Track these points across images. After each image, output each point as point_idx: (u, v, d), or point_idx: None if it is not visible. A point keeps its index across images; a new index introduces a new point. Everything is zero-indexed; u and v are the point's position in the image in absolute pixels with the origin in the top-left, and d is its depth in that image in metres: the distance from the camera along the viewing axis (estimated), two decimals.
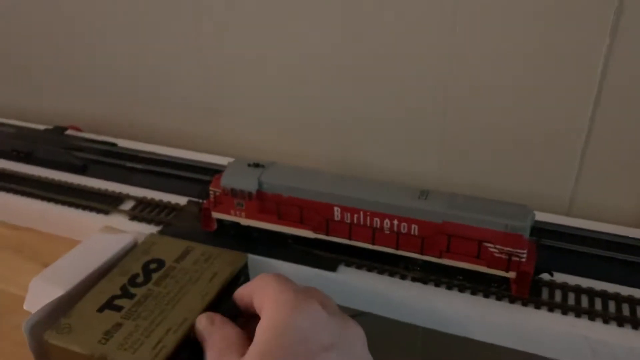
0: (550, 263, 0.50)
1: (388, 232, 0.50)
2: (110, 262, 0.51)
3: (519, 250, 0.46)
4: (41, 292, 0.47)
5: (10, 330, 0.51)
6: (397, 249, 0.51)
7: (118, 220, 0.60)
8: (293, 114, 0.72)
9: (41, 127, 0.80)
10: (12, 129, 0.79)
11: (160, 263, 0.50)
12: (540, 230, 0.55)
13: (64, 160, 0.70)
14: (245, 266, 0.51)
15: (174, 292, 0.46)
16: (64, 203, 0.63)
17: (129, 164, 0.69)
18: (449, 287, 0.50)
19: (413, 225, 0.49)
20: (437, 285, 0.51)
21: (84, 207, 0.62)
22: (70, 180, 0.67)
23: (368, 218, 0.50)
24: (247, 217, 0.54)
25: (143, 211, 0.61)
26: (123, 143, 0.75)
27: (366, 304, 0.52)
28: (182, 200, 0.62)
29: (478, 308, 0.48)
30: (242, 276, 0.51)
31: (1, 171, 0.69)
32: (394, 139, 0.68)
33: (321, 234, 0.53)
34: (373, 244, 0.51)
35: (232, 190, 0.53)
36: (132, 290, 0.47)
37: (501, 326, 0.48)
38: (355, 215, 0.51)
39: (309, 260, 0.53)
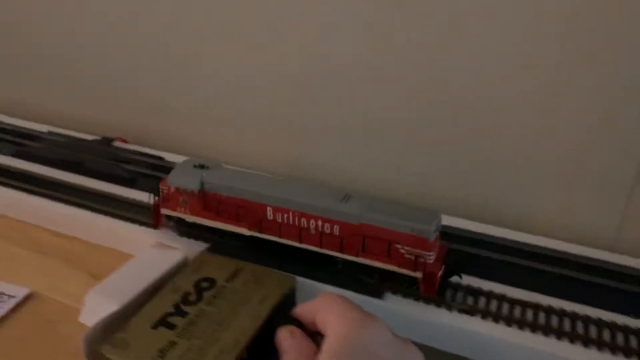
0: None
1: (313, 231, 0.54)
2: (162, 278, 0.52)
3: (425, 252, 0.50)
4: (97, 306, 0.48)
5: (62, 340, 0.52)
6: (321, 247, 0.54)
7: (166, 235, 0.61)
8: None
9: (89, 137, 0.82)
10: (62, 138, 0.80)
11: (211, 282, 0.51)
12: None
13: (113, 172, 0.71)
14: (294, 289, 0.52)
15: (225, 313, 0.47)
16: (112, 215, 0.64)
17: None
18: (495, 320, 0.51)
19: (335, 226, 0.53)
20: (483, 317, 0.51)
21: (133, 220, 0.63)
22: (118, 192, 0.68)
23: (296, 218, 0.54)
24: (191, 213, 0.59)
25: (191, 227, 0.62)
26: (169, 157, 0.76)
27: (410, 332, 0.52)
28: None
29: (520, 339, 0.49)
30: (290, 299, 0.51)
31: (51, 180, 0.71)
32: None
33: (255, 231, 0.57)
34: (300, 242, 0.55)
35: (177, 188, 0.58)
36: (185, 308, 0.47)
37: None
38: (285, 215, 0.54)
39: (355, 285, 0.54)
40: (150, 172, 0.72)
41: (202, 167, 0.58)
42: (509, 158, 0.66)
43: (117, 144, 0.79)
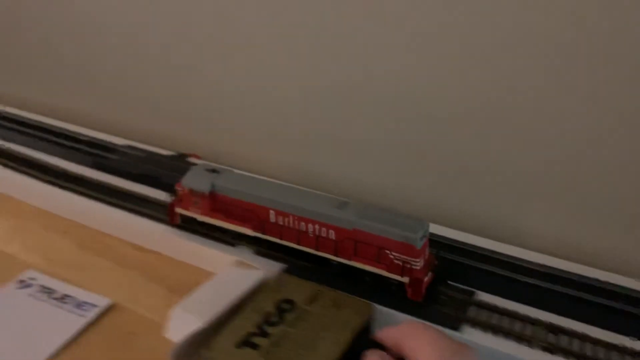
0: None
1: (311, 235, 0.58)
2: (244, 297, 0.53)
3: (411, 259, 0.53)
4: (182, 322, 0.49)
5: (143, 352, 0.54)
6: (317, 250, 0.58)
7: (243, 254, 0.62)
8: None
9: (164, 151, 0.84)
10: (142, 153, 0.83)
11: (292, 304, 0.51)
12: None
13: None
14: (372, 316, 0.52)
15: (309, 337, 0.47)
16: (189, 231, 0.66)
17: None
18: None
19: (330, 230, 0.56)
20: (566, 356, 0.50)
21: (210, 237, 0.64)
22: None
23: (295, 222, 0.58)
24: (202, 214, 0.63)
25: (270, 248, 0.62)
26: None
27: None
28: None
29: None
30: (369, 326, 0.51)
31: (131, 193, 0.73)
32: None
33: (259, 232, 0.61)
34: (299, 244, 0.59)
35: (191, 190, 0.63)
36: (268, 329, 0.48)
37: None
38: (286, 219, 0.59)
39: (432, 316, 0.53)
40: None
41: (213, 171, 0.64)
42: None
43: (192, 160, 0.81)
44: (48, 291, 0.61)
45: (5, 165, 0.80)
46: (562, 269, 0.61)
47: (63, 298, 0.60)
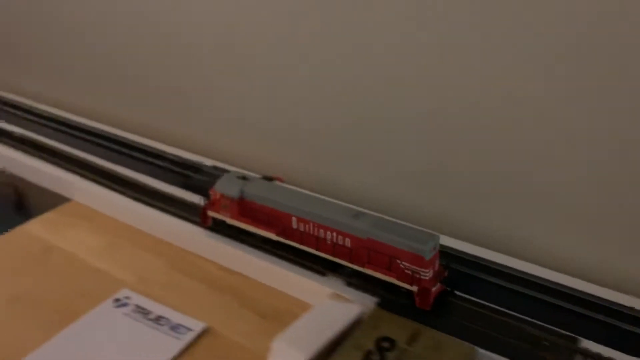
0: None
1: (328, 241, 0.62)
2: (341, 332, 0.52)
3: (420, 269, 0.56)
4: (284, 355, 0.49)
5: None
6: (333, 256, 0.62)
7: (335, 284, 0.62)
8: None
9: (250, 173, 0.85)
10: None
11: (392, 342, 0.51)
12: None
13: None
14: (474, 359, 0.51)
15: None
16: (279, 256, 0.66)
17: None
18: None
19: (346, 238, 0.60)
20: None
21: (301, 265, 0.65)
22: None
23: (315, 228, 0.62)
24: (231, 217, 0.69)
25: (358, 279, 0.62)
26: None
27: None
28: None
29: None
30: None
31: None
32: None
33: (282, 237, 0.65)
34: (317, 250, 0.63)
35: (222, 195, 0.68)
36: None
37: None
38: (306, 225, 0.63)
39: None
40: None
41: (243, 178, 0.69)
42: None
43: (278, 183, 0.82)
44: (143, 311, 0.63)
45: (98, 182, 0.83)
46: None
47: (158, 319, 0.62)
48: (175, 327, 0.60)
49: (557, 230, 0.69)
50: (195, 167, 0.86)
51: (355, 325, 0.54)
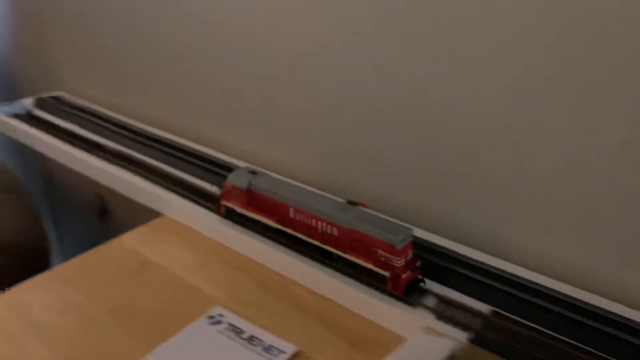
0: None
1: (319, 230, 0.71)
2: None
3: (393, 257, 0.64)
4: None
5: None
6: (322, 243, 0.71)
7: (423, 316, 0.63)
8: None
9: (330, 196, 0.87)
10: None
11: None
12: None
13: None
14: None
15: None
16: (367, 284, 0.68)
17: (423, 255, 0.72)
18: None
19: (333, 228, 0.69)
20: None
21: (390, 295, 0.66)
22: None
23: (308, 218, 0.71)
24: (240, 207, 0.79)
25: (447, 311, 0.63)
26: (417, 232, 0.78)
27: None
28: (483, 307, 0.63)
29: None
30: None
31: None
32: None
33: (280, 225, 0.75)
34: (309, 237, 0.72)
35: (233, 186, 0.78)
36: None
37: None
38: (301, 216, 0.72)
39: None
40: None
41: (253, 172, 0.79)
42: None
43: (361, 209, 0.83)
44: (237, 330, 0.65)
45: (188, 198, 0.87)
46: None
47: (251, 339, 0.64)
48: (268, 349, 0.62)
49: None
50: None
51: None
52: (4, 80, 1.70)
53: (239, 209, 0.79)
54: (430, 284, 0.68)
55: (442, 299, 0.65)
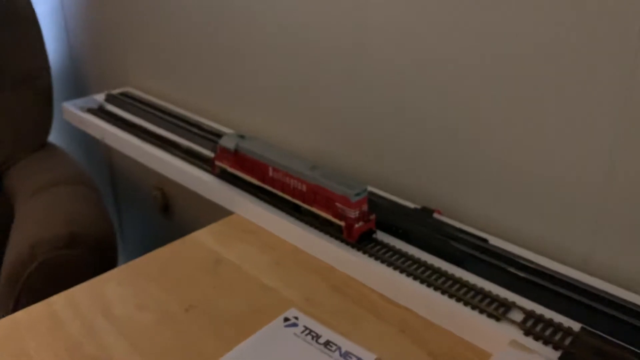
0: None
1: (291, 186, 0.80)
2: None
3: (347, 209, 0.73)
4: None
5: None
6: (293, 197, 0.81)
7: (511, 331, 0.60)
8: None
9: (404, 202, 0.85)
10: (385, 202, 0.85)
11: None
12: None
13: (441, 247, 0.73)
14: None
15: None
16: (448, 294, 0.65)
17: (506, 267, 0.70)
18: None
19: (302, 184, 0.79)
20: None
21: (473, 306, 0.63)
22: (450, 270, 0.69)
23: (282, 176, 0.81)
24: (230, 167, 0.89)
25: (535, 327, 0.60)
26: (494, 240, 0.76)
27: None
28: (574, 325, 0.60)
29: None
30: None
31: (385, 245, 0.75)
32: None
33: (261, 182, 0.85)
34: (283, 193, 0.82)
35: (223, 148, 0.89)
36: None
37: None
38: (277, 174, 0.82)
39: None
40: (476, 253, 0.72)
41: (241, 136, 0.88)
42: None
43: (437, 216, 0.81)
44: (313, 334, 0.64)
45: (265, 201, 0.86)
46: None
47: (328, 344, 0.63)
48: (346, 355, 0.61)
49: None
50: None
51: None
52: (78, 76, 1.75)
53: (229, 169, 0.89)
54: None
55: (530, 314, 0.62)
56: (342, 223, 0.74)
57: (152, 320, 0.67)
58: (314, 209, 0.78)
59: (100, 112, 1.25)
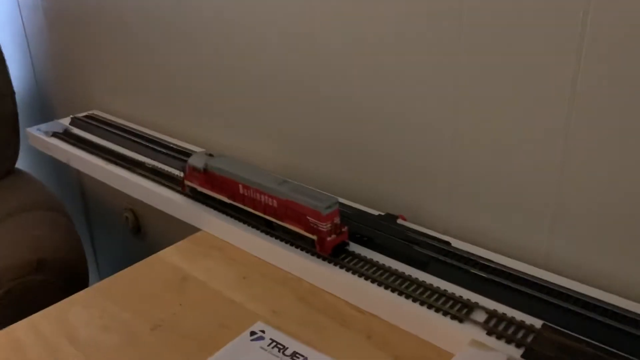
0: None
1: (262, 203, 0.79)
2: None
3: (319, 222, 0.72)
4: None
5: None
6: (265, 214, 0.80)
7: (473, 332, 0.61)
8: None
9: (368, 209, 0.86)
10: (350, 210, 0.85)
11: None
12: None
13: (405, 252, 0.74)
14: None
15: None
16: (412, 299, 0.66)
17: (469, 269, 0.70)
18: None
19: (273, 200, 0.78)
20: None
21: (436, 309, 0.64)
22: (414, 274, 0.70)
23: (253, 193, 0.80)
24: (200, 185, 0.88)
25: (497, 326, 0.61)
26: (456, 243, 0.76)
27: None
28: (535, 322, 0.61)
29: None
30: None
31: (350, 253, 0.75)
32: None
33: (232, 200, 0.84)
34: (254, 209, 0.81)
35: (192, 167, 0.88)
36: None
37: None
38: (248, 190, 0.81)
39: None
40: (439, 256, 0.73)
41: (209, 155, 0.88)
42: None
43: (401, 221, 0.82)
44: (279, 346, 0.64)
45: (231, 216, 0.86)
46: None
47: (294, 355, 0.63)
48: None
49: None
50: None
51: None
52: (43, 101, 1.73)
53: (199, 188, 0.88)
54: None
55: (492, 314, 0.63)
56: (314, 237, 0.73)
57: (118, 342, 0.66)
58: (286, 224, 0.77)
59: (65, 135, 1.24)
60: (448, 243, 0.76)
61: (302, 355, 0.63)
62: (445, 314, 0.63)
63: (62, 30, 1.49)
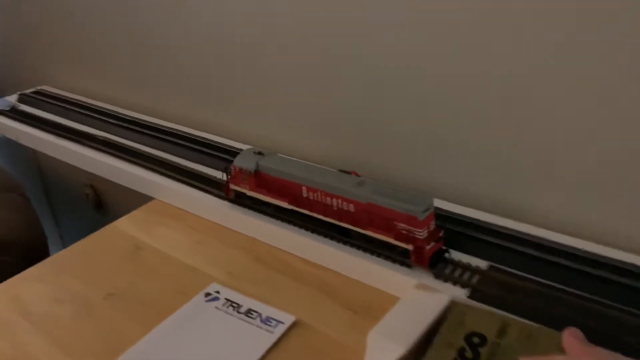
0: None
1: (335, 208, 0.67)
2: (434, 323, 0.53)
3: (415, 229, 0.61)
4: (382, 347, 0.50)
5: None
6: (339, 221, 0.68)
7: (420, 277, 0.62)
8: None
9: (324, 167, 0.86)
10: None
11: (482, 338, 0.50)
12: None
13: None
14: None
15: None
16: (363, 249, 0.67)
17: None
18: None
19: (350, 204, 0.66)
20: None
21: (385, 257, 0.65)
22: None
23: (322, 196, 0.68)
24: (250, 189, 0.76)
25: (444, 270, 0.62)
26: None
27: None
28: (482, 264, 0.63)
29: None
30: None
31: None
32: None
33: (294, 205, 0.72)
34: (325, 216, 0.69)
35: (241, 169, 0.75)
36: None
37: None
38: (315, 194, 0.69)
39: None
40: None
41: (259, 153, 0.75)
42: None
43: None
44: (234, 305, 0.65)
45: (180, 181, 0.86)
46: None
47: (249, 312, 0.64)
48: (266, 320, 0.62)
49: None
50: None
51: (443, 320, 0.53)
52: None
53: (248, 192, 0.76)
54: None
55: None
56: (409, 246, 0.62)
57: (71, 313, 0.66)
58: (370, 233, 0.65)
59: (12, 112, 1.21)
60: None
61: (256, 312, 0.64)
62: (394, 261, 0.64)
63: (5, 3, 1.44)
